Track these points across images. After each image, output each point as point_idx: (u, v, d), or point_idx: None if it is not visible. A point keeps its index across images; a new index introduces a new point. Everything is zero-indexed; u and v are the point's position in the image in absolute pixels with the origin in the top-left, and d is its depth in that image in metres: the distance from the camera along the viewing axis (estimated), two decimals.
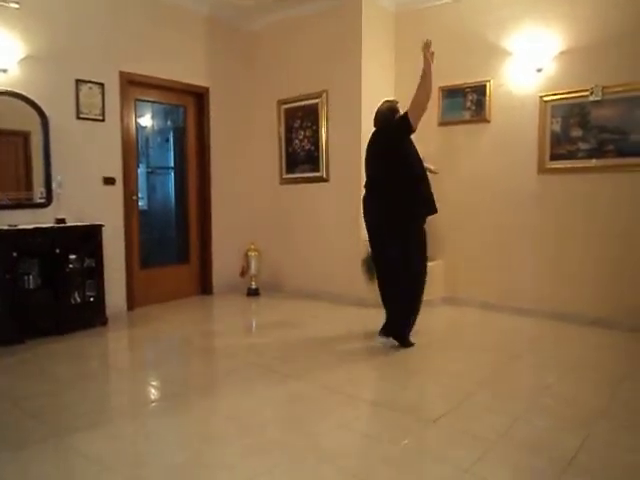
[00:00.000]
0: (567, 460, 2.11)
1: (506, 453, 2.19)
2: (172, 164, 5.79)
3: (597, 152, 4.20)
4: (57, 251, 4.03)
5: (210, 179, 5.59)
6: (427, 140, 5.15)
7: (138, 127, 5.16)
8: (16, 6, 3.89)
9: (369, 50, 5.02)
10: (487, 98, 4.74)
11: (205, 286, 5.67)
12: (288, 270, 5.76)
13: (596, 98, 4.16)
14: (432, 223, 5.15)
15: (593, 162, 4.22)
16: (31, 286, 3.97)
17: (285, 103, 5.62)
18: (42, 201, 4.21)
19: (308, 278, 5.52)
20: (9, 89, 3.98)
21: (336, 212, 5.23)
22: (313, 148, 5.41)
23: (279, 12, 5.47)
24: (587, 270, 4.31)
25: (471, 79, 4.83)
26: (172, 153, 5.80)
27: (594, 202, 4.26)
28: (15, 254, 3.77)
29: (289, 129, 5.63)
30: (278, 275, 5.84)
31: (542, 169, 4.49)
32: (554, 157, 4.42)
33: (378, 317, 4.62)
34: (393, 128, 3.62)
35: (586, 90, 4.20)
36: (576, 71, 4.27)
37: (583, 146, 4.27)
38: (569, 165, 4.35)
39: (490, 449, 2.21)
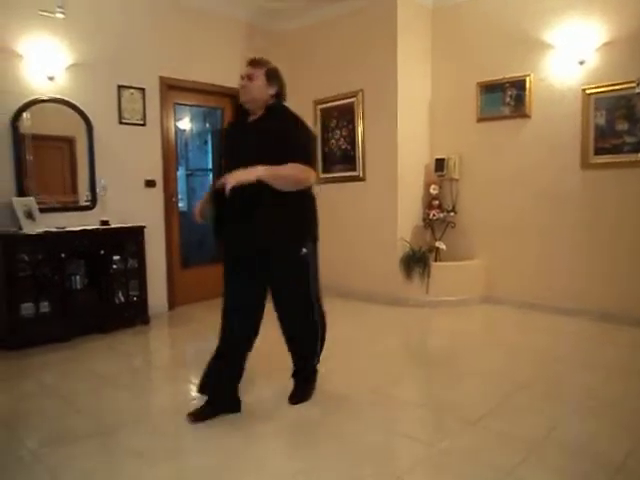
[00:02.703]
0: (615, 465, 2.04)
1: (550, 456, 2.13)
2: (210, 166, 5.89)
3: None
4: (102, 252, 4.16)
5: None
6: (465, 137, 5.10)
7: (177, 130, 5.27)
8: (62, 16, 4.03)
9: (405, 47, 4.97)
10: (527, 93, 4.62)
11: None
12: (324, 269, 5.72)
13: None
14: (471, 222, 5.09)
15: (639, 156, 4.06)
16: (78, 286, 4.12)
17: (321, 103, 5.64)
18: (87, 204, 4.36)
19: (344, 277, 5.51)
20: (57, 96, 4.14)
21: (372, 211, 5.21)
22: (349, 147, 5.40)
23: (314, 13, 5.48)
24: (632, 269, 4.14)
25: (510, 74, 4.71)
26: (210, 155, 5.91)
27: None
28: (63, 255, 3.92)
29: (325, 129, 5.64)
30: None
31: (586, 164, 4.34)
32: (598, 152, 4.27)
33: (415, 317, 4.59)
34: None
35: (632, 82, 4.03)
36: (620, 62, 4.11)
37: (629, 140, 4.11)
38: (614, 160, 4.19)
39: (532, 452, 2.15)
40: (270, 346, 2.89)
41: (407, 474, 2.03)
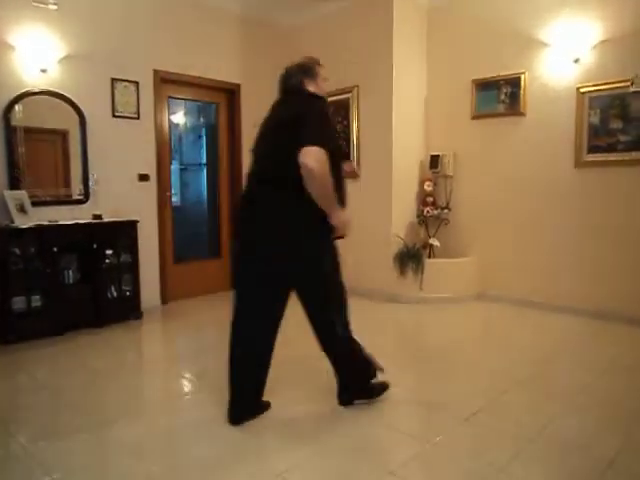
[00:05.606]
0: (606, 461, 2.06)
1: (542, 452, 2.15)
2: (204, 160, 5.86)
3: (638, 145, 4.06)
4: (94, 246, 4.13)
5: (241, 175, 5.63)
6: (460, 134, 5.11)
7: (171, 124, 5.24)
8: (54, 7, 3.99)
9: (401, 44, 4.96)
10: (522, 91, 4.63)
11: None
12: None
13: (637, 89, 4.00)
14: (465, 219, 5.11)
15: (633, 155, 4.08)
16: (70, 280, 4.09)
17: None
18: (80, 197, 4.32)
19: None
20: (49, 89, 4.10)
21: (367, 208, 5.20)
22: (344, 144, 5.39)
23: (310, 9, 5.46)
24: (626, 267, 4.17)
25: (505, 71, 4.72)
26: (204, 150, 5.88)
27: (633, 196, 4.12)
28: (55, 249, 3.89)
29: None
30: None
31: (579, 163, 4.36)
32: (592, 150, 4.29)
33: (409, 313, 4.60)
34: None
35: (626, 81, 4.05)
36: (615, 61, 4.13)
37: (623, 138, 4.13)
38: (608, 158, 4.21)
39: (525, 448, 2.17)
40: None
41: (400, 469, 2.03)
